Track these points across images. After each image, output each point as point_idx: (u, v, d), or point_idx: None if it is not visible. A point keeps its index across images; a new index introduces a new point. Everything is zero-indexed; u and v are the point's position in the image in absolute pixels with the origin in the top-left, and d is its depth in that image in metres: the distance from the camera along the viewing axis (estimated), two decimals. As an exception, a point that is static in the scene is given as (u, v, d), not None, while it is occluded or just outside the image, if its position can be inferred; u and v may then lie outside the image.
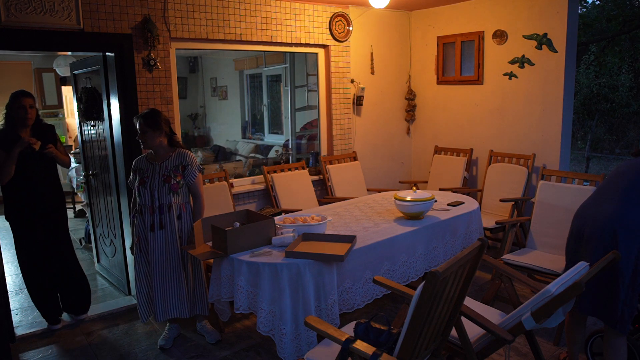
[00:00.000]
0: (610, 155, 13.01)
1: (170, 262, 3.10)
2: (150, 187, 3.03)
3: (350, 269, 2.73)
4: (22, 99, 3.26)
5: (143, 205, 3.06)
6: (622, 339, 2.41)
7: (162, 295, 3.12)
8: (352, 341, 1.88)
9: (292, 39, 4.55)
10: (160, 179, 3.03)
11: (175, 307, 3.15)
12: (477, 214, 3.63)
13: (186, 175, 3.09)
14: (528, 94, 4.56)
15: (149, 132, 3.00)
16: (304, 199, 4.58)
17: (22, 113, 3.25)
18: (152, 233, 3.05)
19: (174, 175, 3.05)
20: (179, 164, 3.09)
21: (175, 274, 3.12)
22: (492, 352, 2.27)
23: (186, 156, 3.11)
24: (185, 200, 3.15)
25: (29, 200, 3.33)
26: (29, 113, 3.28)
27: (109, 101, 3.78)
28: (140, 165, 3.11)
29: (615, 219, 2.34)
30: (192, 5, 3.90)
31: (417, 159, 5.76)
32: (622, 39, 9.73)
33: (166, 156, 3.10)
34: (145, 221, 3.06)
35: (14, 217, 3.38)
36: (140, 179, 3.06)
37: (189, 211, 3.16)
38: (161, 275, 3.10)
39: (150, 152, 3.12)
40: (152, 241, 3.06)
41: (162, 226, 3.05)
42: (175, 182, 3.05)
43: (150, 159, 3.11)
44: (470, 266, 2.02)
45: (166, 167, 3.06)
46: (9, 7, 3.08)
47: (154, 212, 3.04)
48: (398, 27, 5.41)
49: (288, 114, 6.23)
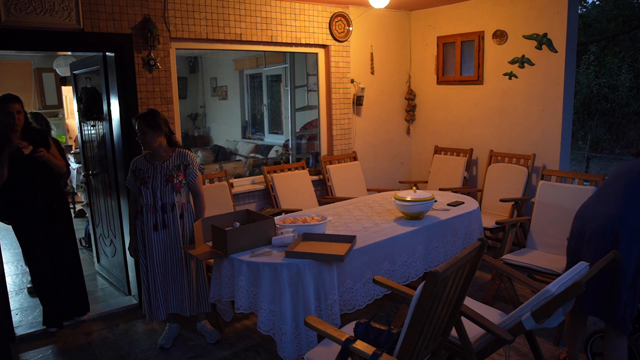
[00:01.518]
0: (610, 155, 13.01)
1: (173, 260, 3.11)
2: (152, 186, 3.03)
3: (351, 269, 2.73)
4: (8, 105, 3.19)
5: (145, 205, 3.06)
6: (622, 339, 2.41)
7: (164, 293, 3.13)
8: (352, 341, 1.88)
9: (292, 39, 4.55)
10: (162, 178, 3.04)
11: (177, 305, 3.16)
12: (477, 214, 3.62)
13: (187, 174, 3.10)
14: (528, 94, 4.56)
15: (149, 133, 3.00)
16: (304, 199, 4.58)
17: (10, 119, 3.19)
18: (155, 232, 3.06)
19: (176, 174, 3.06)
20: (180, 163, 3.09)
21: (177, 272, 3.13)
22: (492, 352, 2.27)
23: (187, 156, 3.12)
24: (187, 200, 3.16)
25: (24, 204, 3.31)
26: (16, 119, 3.21)
27: (109, 101, 3.78)
28: (139, 165, 3.11)
29: (616, 219, 2.34)
30: (192, 5, 3.90)
31: (417, 159, 5.76)
32: (622, 39, 9.73)
33: (166, 156, 3.10)
34: (148, 221, 3.06)
35: (11, 221, 3.41)
36: (141, 180, 3.06)
37: (190, 210, 3.18)
38: (164, 274, 3.12)
39: (149, 152, 3.13)
40: (155, 240, 3.07)
41: (166, 225, 3.06)
42: (178, 181, 3.06)
43: (150, 159, 3.11)
44: (470, 266, 2.02)
45: (167, 167, 3.07)
46: (9, 7, 3.08)
47: (157, 211, 3.05)
48: (398, 27, 5.41)
49: (288, 114, 6.23)
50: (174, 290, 3.15)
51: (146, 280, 3.15)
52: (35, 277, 3.47)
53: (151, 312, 3.17)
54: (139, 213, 3.11)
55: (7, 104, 3.18)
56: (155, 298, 3.15)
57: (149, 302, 3.16)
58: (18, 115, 3.22)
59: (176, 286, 3.15)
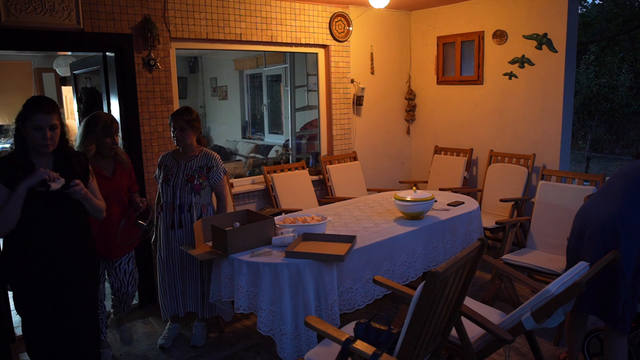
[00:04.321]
0: (610, 155, 13.01)
1: (188, 260, 3.12)
2: (173, 185, 3.04)
3: (351, 269, 2.73)
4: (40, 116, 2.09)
5: (165, 202, 3.08)
6: (623, 339, 2.41)
7: (182, 291, 3.15)
8: (352, 341, 1.88)
9: (292, 39, 4.55)
10: (184, 177, 3.04)
11: (192, 304, 3.17)
12: (477, 214, 3.62)
13: (211, 177, 3.08)
14: (528, 93, 4.56)
15: (188, 130, 3.00)
16: (304, 199, 4.58)
17: (38, 137, 2.11)
18: (172, 231, 3.07)
19: (197, 175, 3.05)
20: (204, 165, 3.08)
21: (192, 272, 3.14)
22: (492, 352, 2.27)
23: (212, 158, 3.11)
24: (207, 202, 3.14)
25: (39, 262, 2.17)
26: (48, 138, 2.12)
27: (109, 101, 3.78)
28: (166, 161, 3.12)
29: (616, 219, 2.35)
30: (192, 5, 3.90)
31: (417, 159, 5.76)
32: (622, 39, 9.73)
33: (192, 155, 3.09)
34: (166, 218, 3.07)
35: (13, 283, 2.23)
36: (164, 176, 3.07)
37: (210, 212, 3.15)
38: (181, 272, 3.13)
39: (178, 149, 3.12)
40: (172, 239, 3.08)
41: (182, 225, 3.06)
42: (198, 182, 3.05)
43: (177, 157, 3.11)
44: (470, 266, 2.02)
45: (191, 167, 3.06)
46: (9, 7, 3.08)
47: (174, 210, 3.05)
48: (398, 27, 5.41)
49: (288, 114, 6.23)
50: (191, 290, 3.15)
51: (161, 276, 3.16)
52: (30, 348, 2.30)
53: (166, 308, 3.18)
54: (160, 209, 3.12)
55: (38, 113, 2.09)
56: (171, 294, 3.15)
57: (163, 298, 3.17)
58: (52, 132, 2.13)
59: (192, 285, 3.15)
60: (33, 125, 2.11)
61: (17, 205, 2.06)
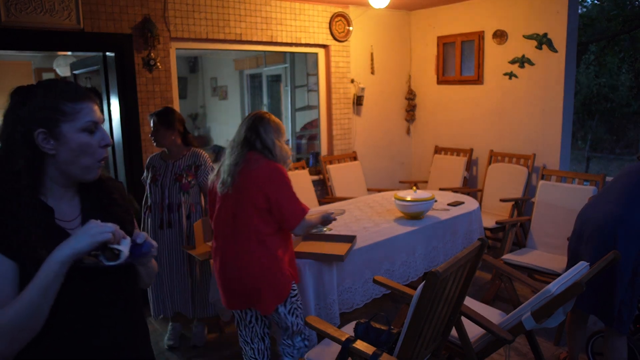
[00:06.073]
0: (610, 155, 13.01)
1: (178, 261, 3.11)
2: (161, 184, 3.03)
3: (350, 268, 2.73)
4: (85, 106, 1.20)
5: (153, 202, 3.07)
6: (622, 339, 2.40)
7: (170, 291, 3.14)
8: (352, 341, 1.88)
9: (292, 39, 4.55)
10: (172, 177, 3.03)
11: (180, 304, 3.16)
12: (477, 214, 3.62)
13: (199, 175, 3.08)
14: (528, 93, 4.56)
15: (161, 130, 2.99)
16: (304, 199, 4.51)
17: (95, 145, 1.27)
18: (160, 230, 3.06)
19: (185, 174, 3.05)
20: (192, 163, 3.08)
21: (181, 272, 3.13)
22: (492, 352, 2.27)
23: (200, 156, 3.10)
24: (195, 201, 3.13)
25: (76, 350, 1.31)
26: (110, 143, 1.31)
27: (109, 101, 3.78)
28: (153, 162, 3.12)
29: (615, 219, 2.35)
30: (192, 5, 3.90)
31: (417, 159, 5.76)
32: (622, 39, 9.73)
33: (180, 155, 3.09)
34: (155, 218, 3.07)
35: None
36: (152, 176, 3.06)
37: (198, 211, 3.15)
38: (169, 272, 3.12)
39: (165, 150, 3.12)
40: (161, 239, 3.07)
41: (171, 224, 3.06)
42: (187, 181, 3.04)
43: (164, 157, 3.11)
44: (470, 266, 2.02)
45: (179, 166, 3.06)
46: (9, 7, 3.08)
47: (163, 210, 3.04)
48: (398, 27, 5.41)
49: (288, 114, 6.23)
50: (180, 290, 3.15)
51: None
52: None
53: (156, 308, 3.17)
54: (148, 210, 3.10)
55: (81, 101, 1.19)
56: (160, 293, 3.15)
57: (153, 297, 3.17)
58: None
59: (181, 286, 3.14)
60: (83, 125, 1.16)
61: (50, 294, 1.04)
